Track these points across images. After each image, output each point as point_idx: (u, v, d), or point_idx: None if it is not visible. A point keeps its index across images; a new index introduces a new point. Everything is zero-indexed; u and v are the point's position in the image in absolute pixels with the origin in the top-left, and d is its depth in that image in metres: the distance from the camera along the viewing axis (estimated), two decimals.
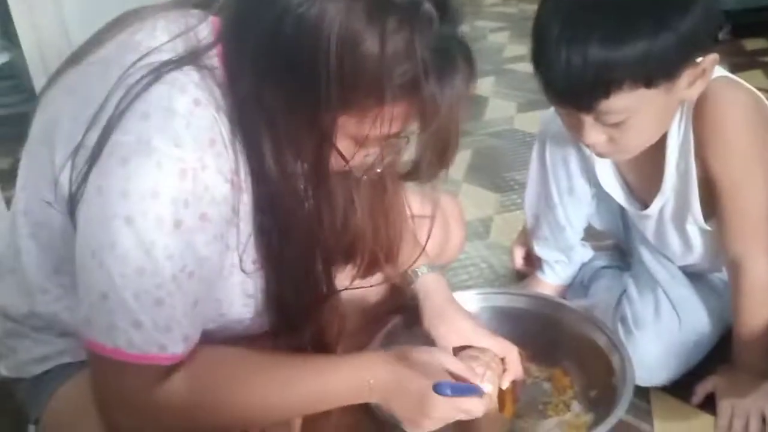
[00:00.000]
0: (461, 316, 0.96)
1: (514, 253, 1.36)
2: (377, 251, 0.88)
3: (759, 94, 0.95)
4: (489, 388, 0.88)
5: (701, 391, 1.02)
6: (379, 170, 0.75)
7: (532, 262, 1.29)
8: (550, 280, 1.23)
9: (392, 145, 0.72)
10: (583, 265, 1.25)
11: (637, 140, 0.91)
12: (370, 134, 0.68)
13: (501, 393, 0.92)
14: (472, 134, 2.13)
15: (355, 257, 0.87)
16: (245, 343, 0.79)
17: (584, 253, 1.23)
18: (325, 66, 0.62)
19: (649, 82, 0.83)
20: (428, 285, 0.99)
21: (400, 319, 1.05)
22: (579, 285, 1.25)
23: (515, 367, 0.95)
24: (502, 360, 0.94)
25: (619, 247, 1.33)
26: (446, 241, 1.18)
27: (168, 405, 0.70)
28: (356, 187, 0.81)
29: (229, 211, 0.70)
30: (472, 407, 0.83)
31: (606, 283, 1.21)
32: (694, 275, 1.10)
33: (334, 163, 0.71)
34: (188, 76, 0.67)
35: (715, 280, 1.09)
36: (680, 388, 1.04)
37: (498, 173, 1.85)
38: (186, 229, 0.66)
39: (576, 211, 1.16)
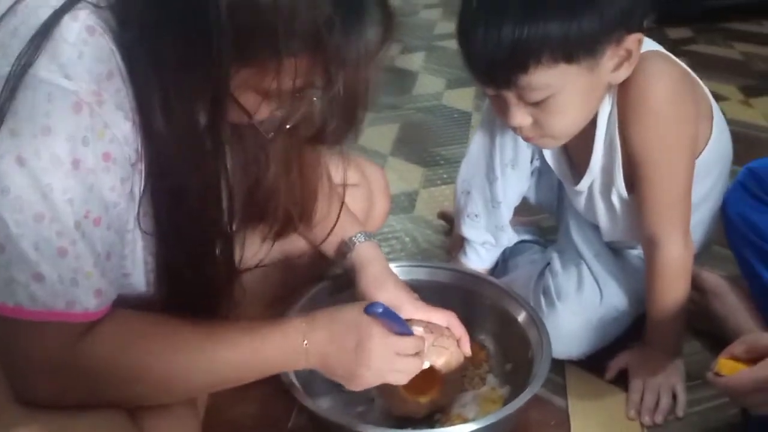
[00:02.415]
0: (400, 287, 0.92)
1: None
2: (291, 209, 0.83)
3: (688, 69, 0.96)
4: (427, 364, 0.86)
5: (614, 366, 1.04)
6: (288, 126, 0.70)
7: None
8: (474, 264, 1.19)
9: (301, 99, 0.67)
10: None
11: (563, 123, 0.89)
12: (273, 88, 0.62)
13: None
14: (400, 108, 2.10)
15: (268, 215, 0.82)
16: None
17: (512, 237, 1.21)
18: (216, 15, 0.57)
19: (569, 57, 0.81)
20: (364, 254, 0.95)
21: (323, 287, 1.01)
22: (502, 263, 1.23)
23: (463, 332, 0.92)
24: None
25: (540, 224, 1.34)
26: (370, 209, 1.14)
27: (88, 367, 0.64)
28: (270, 143, 0.76)
29: (132, 152, 0.64)
30: (407, 346, 0.81)
31: (529, 257, 1.20)
32: (618, 254, 1.10)
33: (238, 118, 0.66)
34: (80, 8, 0.60)
35: (637, 260, 1.10)
36: (595, 363, 1.04)
37: (425, 148, 1.83)
38: (87, 169, 0.60)
39: (515, 186, 1.13)
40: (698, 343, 1.09)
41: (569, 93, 0.85)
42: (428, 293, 1.02)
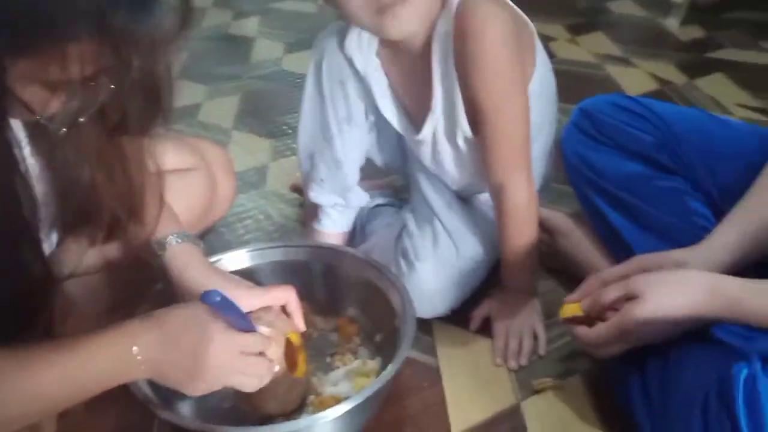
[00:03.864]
0: (230, 284, 0.83)
1: None
2: (117, 210, 0.76)
3: (518, 10, 0.96)
4: (278, 352, 0.81)
5: (477, 316, 1.06)
6: (82, 119, 0.62)
7: None
8: (329, 229, 1.17)
9: (94, 89, 0.59)
10: (362, 209, 1.22)
11: (412, 14, 0.86)
12: (60, 79, 0.55)
13: (291, 351, 0.84)
14: (239, 78, 2.01)
15: (91, 220, 0.74)
16: None
17: (362, 196, 1.19)
18: None
19: None
20: (181, 258, 0.85)
21: (155, 293, 0.92)
22: (360, 230, 1.22)
23: (297, 308, 0.88)
24: (285, 313, 0.87)
25: (394, 185, 1.33)
26: (213, 194, 1.08)
27: None
28: (78, 138, 0.68)
29: None
30: (251, 342, 0.76)
31: (385, 221, 1.20)
32: (468, 203, 1.11)
33: (23, 115, 0.58)
34: None
35: (486, 206, 1.12)
36: (461, 316, 1.06)
37: (270, 118, 1.76)
38: None
39: (354, 143, 1.10)
40: (552, 282, 1.14)
41: None
42: (288, 274, 1.00)
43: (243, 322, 0.77)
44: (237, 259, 0.98)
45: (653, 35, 2.22)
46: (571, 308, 0.86)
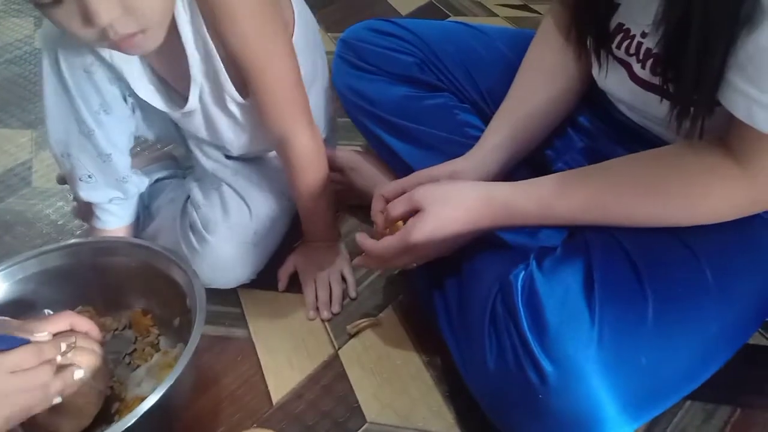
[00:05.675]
0: None
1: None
2: None
3: None
4: (81, 373, 0.73)
5: (284, 274, 1.02)
6: None
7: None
8: (112, 226, 1.04)
9: None
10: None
11: (152, 5, 0.75)
12: None
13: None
14: None
15: None
16: None
17: (139, 181, 1.08)
18: None
19: None
20: None
21: None
22: (145, 211, 1.11)
23: (88, 324, 0.79)
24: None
25: (173, 154, 1.23)
26: None
27: None
28: None
29: None
30: (18, 358, 0.66)
31: (168, 196, 1.10)
32: (255, 162, 1.06)
33: None
34: None
35: (274, 160, 1.06)
36: (267, 278, 1.02)
37: (25, 107, 1.55)
38: None
39: (118, 131, 0.98)
40: (355, 220, 1.12)
41: None
42: (60, 281, 0.89)
43: (5, 341, 0.67)
44: None
45: None
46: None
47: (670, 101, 0.65)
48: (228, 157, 1.05)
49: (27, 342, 0.68)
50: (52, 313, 0.83)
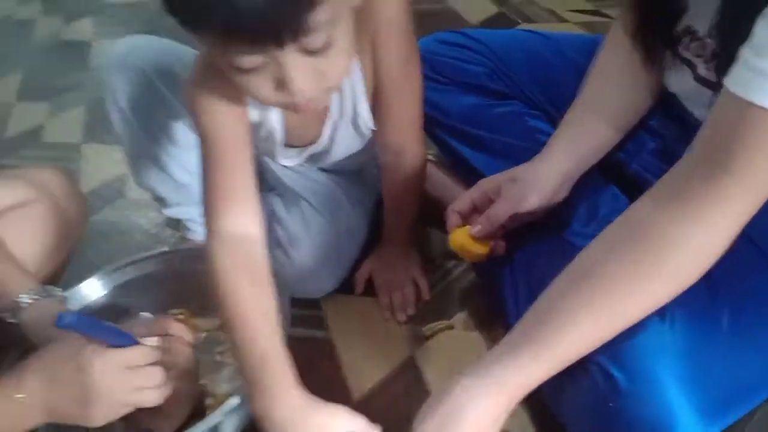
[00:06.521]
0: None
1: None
2: None
3: None
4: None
5: (360, 279, 1.06)
6: None
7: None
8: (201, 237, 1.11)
9: None
10: None
11: (344, 63, 0.71)
12: None
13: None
14: (81, 87, 1.89)
15: None
16: None
17: None
18: None
19: None
20: (38, 318, 0.80)
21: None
22: None
23: (178, 327, 0.85)
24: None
25: None
26: (62, 221, 1.02)
27: None
28: None
29: None
30: (133, 356, 0.73)
31: None
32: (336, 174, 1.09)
33: None
34: None
35: (357, 176, 1.09)
36: (346, 282, 1.06)
37: None
38: None
39: (191, 162, 1.03)
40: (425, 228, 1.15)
41: (342, 23, 0.67)
42: (155, 285, 0.96)
43: (120, 338, 0.74)
44: (94, 286, 0.94)
45: None
46: (459, 233, 0.87)
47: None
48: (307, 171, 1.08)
49: (133, 341, 0.75)
50: (149, 315, 0.90)
